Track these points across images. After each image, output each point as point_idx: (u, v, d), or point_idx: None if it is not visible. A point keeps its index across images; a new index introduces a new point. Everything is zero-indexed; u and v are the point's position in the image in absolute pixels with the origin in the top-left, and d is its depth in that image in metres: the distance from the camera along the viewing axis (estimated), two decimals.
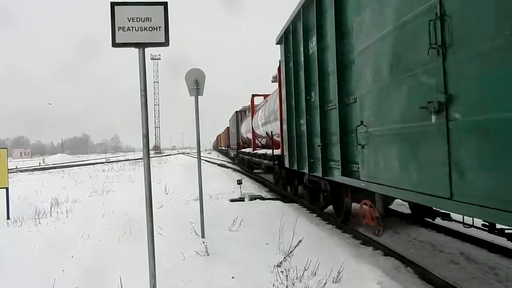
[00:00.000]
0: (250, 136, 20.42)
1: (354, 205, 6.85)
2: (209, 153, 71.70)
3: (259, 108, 17.51)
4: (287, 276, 4.46)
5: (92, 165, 34.80)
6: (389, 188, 4.40)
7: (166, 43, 3.81)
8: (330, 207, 8.00)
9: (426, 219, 6.84)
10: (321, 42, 6.71)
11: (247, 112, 24.00)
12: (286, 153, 9.55)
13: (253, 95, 20.11)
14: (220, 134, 53.45)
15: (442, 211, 5.49)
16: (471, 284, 4.45)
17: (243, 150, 23.39)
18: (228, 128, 36.58)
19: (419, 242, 6.18)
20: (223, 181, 16.08)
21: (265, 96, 17.94)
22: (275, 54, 10.37)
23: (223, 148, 46.49)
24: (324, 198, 8.01)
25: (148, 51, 7.22)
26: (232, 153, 33.70)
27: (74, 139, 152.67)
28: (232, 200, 10.58)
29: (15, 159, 65.87)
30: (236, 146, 28.08)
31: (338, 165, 6.01)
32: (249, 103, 21.96)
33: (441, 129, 3.34)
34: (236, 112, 28.15)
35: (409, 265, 4.98)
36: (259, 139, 18.53)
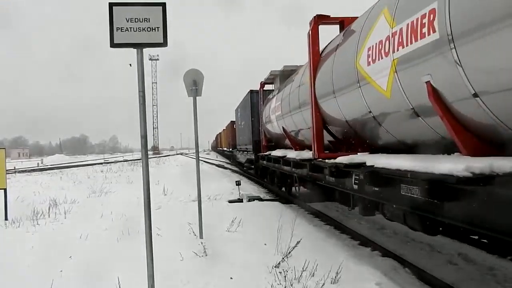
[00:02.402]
0: (296, 123, 8.92)
1: None
2: (207, 154, 71.67)
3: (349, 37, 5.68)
4: (285, 277, 4.46)
5: (91, 166, 34.71)
6: None
7: (164, 44, 3.81)
8: None
9: None
10: None
11: (277, 83, 12.81)
12: None
13: (318, 18, 6.74)
14: (220, 133, 42.64)
15: None
16: (469, 285, 4.45)
17: (275, 154, 10.84)
18: (232, 122, 24.64)
19: (417, 242, 6.19)
20: (222, 182, 16.06)
21: (350, 20, 6.30)
22: (275, 53, 9.82)
23: (226, 149, 33.74)
24: None
25: (147, 51, 7.22)
26: (242, 158, 20.30)
27: (72, 140, 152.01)
28: (230, 201, 10.57)
29: (13, 159, 65.68)
30: (251, 147, 15.78)
31: None
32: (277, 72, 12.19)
33: None
34: (251, 92, 15.90)
35: (407, 265, 4.99)
36: (333, 127, 6.73)
